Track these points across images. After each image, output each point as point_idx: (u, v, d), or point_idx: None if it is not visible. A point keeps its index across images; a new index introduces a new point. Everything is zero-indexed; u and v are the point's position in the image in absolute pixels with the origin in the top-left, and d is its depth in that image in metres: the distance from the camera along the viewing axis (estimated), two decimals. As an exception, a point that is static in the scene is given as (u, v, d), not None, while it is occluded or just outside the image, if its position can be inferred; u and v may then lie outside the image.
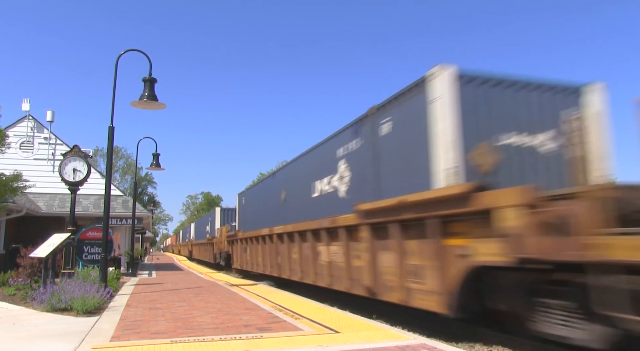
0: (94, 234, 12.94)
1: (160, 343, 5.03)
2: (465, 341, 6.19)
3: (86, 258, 12.74)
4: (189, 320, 6.60)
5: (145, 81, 10.20)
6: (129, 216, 19.80)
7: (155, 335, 5.54)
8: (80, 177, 11.31)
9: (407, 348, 4.70)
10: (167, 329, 5.91)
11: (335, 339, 5.13)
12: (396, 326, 6.59)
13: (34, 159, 20.83)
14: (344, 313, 7.26)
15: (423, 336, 5.62)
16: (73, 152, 11.78)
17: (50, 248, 9.76)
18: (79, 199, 16.74)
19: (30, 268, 11.28)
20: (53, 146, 21.20)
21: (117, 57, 10.41)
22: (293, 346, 4.78)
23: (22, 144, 20.93)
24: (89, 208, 19.70)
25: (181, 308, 7.99)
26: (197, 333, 5.61)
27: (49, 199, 19.84)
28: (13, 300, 9.29)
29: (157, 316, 6.99)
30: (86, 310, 7.42)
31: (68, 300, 7.68)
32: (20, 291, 9.95)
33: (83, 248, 12.75)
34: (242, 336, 5.35)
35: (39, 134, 21.27)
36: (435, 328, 6.91)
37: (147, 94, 10.05)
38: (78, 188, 11.37)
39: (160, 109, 10.46)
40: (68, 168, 11.28)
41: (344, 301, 9.97)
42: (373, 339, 5.10)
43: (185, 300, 9.12)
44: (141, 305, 8.39)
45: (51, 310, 7.72)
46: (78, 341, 5.25)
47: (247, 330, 5.78)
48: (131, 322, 6.49)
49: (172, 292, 10.92)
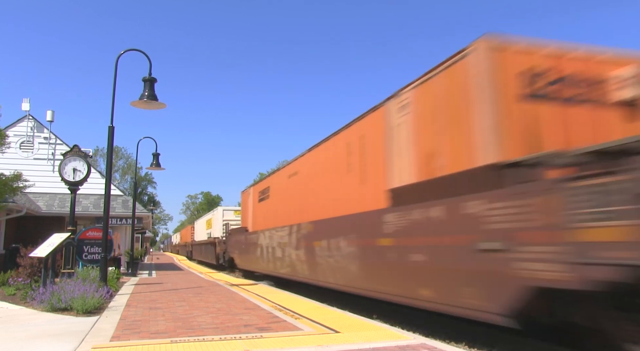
0: (94, 234, 12.96)
1: (160, 343, 5.03)
2: (465, 341, 6.19)
3: (86, 258, 12.75)
4: (189, 320, 6.59)
5: (145, 80, 10.21)
6: (129, 216, 19.80)
7: (155, 334, 5.54)
8: (80, 177, 11.31)
9: (407, 348, 4.70)
10: (167, 329, 5.91)
11: (336, 339, 5.12)
12: (396, 326, 6.58)
13: (34, 159, 20.83)
14: (344, 313, 7.26)
15: (423, 336, 5.62)
16: (73, 152, 11.78)
17: (50, 248, 9.75)
18: (79, 199, 16.76)
19: (30, 267, 11.27)
20: (53, 145, 21.19)
21: (117, 57, 10.42)
22: (293, 346, 4.78)
23: (22, 144, 20.93)
24: (89, 207, 19.70)
25: (181, 308, 7.99)
26: (197, 333, 5.61)
27: (49, 199, 19.84)
28: (13, 300, 9.29)
29: (157, 316, 6.99)
30: (86, 309, 7.42)
31: (68, 299, 7.68)
32: (20, 291, 9.95)
33: (83, 247, 12.77)
34: (242, 336, 5.35)
35: (39, 134, 21.26)
36: (435, 328, 6.91)
37: (147, 94, 10.06)
38: (78, 188, 11.37)
39: (160, 108, 10.47)
40: (68, 168, 11.28)
41: (344, 301, 9.96)
42: (373, 339, 5.10)
43: (185, 300, 9.12)
44: (141, 305, 8.39)
45: (51, 309, 7.72)
46: (78, 341, 5.24)
47: (247, 329, 5.77)
48: (131, 322, 6.49)
49: (172, 292, 10.92)
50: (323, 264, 9.43)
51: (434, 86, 6.24)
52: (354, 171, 8.46)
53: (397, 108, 7.10)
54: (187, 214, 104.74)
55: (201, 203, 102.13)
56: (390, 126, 7.26)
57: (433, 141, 6.17)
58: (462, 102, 5.59)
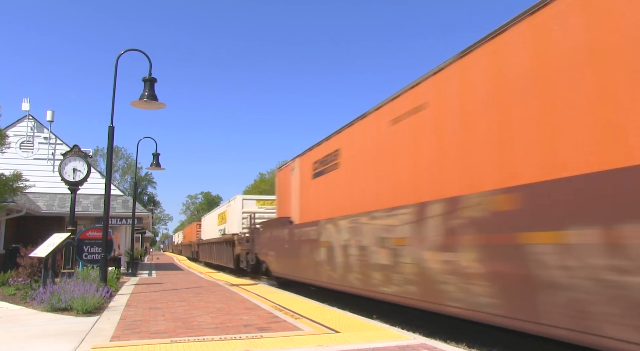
0: (94, 234, 12.96)
1: (160, 342, 5.03)
2: (465, 341, 6.19)
3: (86, 258, 12.75)
4: (189, 320, 6.60)
5: (145, 80, 10.20)
6: (129, 216, 19.80)
7: (155, 334, 5.54)
8: (80, 177, 11.31)
9: (407, 348, 4.70)
10: (167, 329, 5.91)
11: (335, 339, 5.12)
12: (396, 326, 6.58)
13: (34, 159, 20.83)
14: (344, 313, 7.26)
15: (423, 336, 5.62)
16: (73, 152, 11.78)
17: (50, 248, 9.75)
18: (79, 199, 16.76)
19: (30, 267, 11.28)
20: (53, 145, 21.20)
21: (117, 57, 10.43)
22: (293, 346, 4.78)
23: (22, 144, 20.93)
24: (89, 207, 19.70)
25: (181, 307, 7.99)
26: (197, 333, 5.61)
27: (49, 199, 19.84)
28: (13, 300, 9.29)
29: (157, 316, 6.99)
30: (86, 309, 7.42)
31: (68, 299, 7.68)
32: (20, 291, 9.95)
33: (83, 247, 12.76)
34: (242, 336, 5.35)
35: (39, 134, 21.26)
36: (435, 328, 6.91)
37: (147, 94, 10.06)
38: (78, 188, 11.37)
39: (160, 108, 10.46)
40: (68, 168, 11.28)
41: (344, 301, 9.96)
42: (373, 339, 5.10)
43: (185, 300, 9.12)
44: (141, 305, 8.39)
45: (51, 309, 7.72)
46: (78, 341, 5.25)
47: (247, 329, 5.77)
48: (131, 322, 6.49)
49: (172, 292, 10.92)
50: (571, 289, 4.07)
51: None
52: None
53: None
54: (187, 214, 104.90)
55: (201, 203, 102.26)
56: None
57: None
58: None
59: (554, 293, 4.21)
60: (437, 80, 6.31)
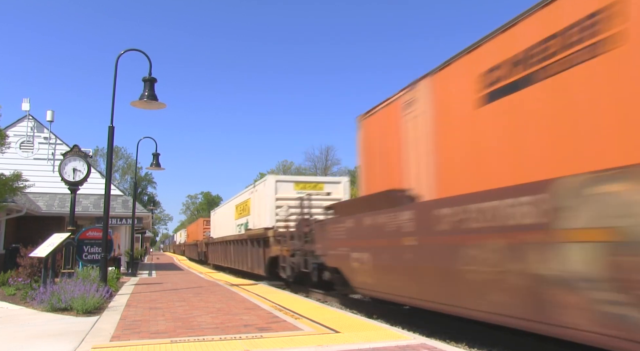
0: (94, 234, 12.94)
1: (160, 342, 5.03)
2: (465, 341, 6.19)
3: (86, 258, 12.73)
4: (189, 320, 6.60)
5: (145, 80, 10.20)
6: (129, 216, 19.81)
7: (155, 334, 5.54)
8: (80, 177, 11.31)
9: (407, 348, 4.70)
10: (167, 329, 5.91)
11: (335, 339, 5.12)
12: (396, 326, 6.58)
13: (34, 159, 20.83)
14: (344, 313, 7.26)
15: (423, 336, 5.62)
16: (73, 152, 11.78)
17: (50, 248, 9.76)
18: (79, 199, 16.75)
19: (30, 267, 11.28)
20: (53, 145, 21.20)
21: (117, 57, 10.43)
22: (293, 346, 4.78)
23: (22, 144, 20.93)
24: (89, 207, 19.70)
25: (181, 307, 7.99)
26: (197, 333, 5.61)
27: (49, 199, 19.84)
28: (13, 300, 9.29)
29: (157, 316, 6.99)
30: (86, 309, 7.42)
31: (68, 299, 7.68)
32: (20, 291, 9.95)
33: (83, 247, 12.75)
34: (242, 336, 5.35)
35: (39, 134, 21.27)
36: (435, 328, 6.91)
37: (147, 94, 10.05)
38: (78, 188, 11.37)
39: (160, 108, 10.47)
40: (68, 168, 11.28)
41: (343, 301, 9.96)
42: (373, 339, 5.10)
43: (185, 300, 9.12)
44: (141, 305, 8.39)
45: (51, 309, 7.72)
46: (78, 341, 5.25)
47: (247, 329, 5.77)
48: (131, 322, 6.49)
49: (172, 292, 10.92)
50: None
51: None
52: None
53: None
54: (187, 214, 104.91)
55: (201, 203, 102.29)
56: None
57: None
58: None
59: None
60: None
